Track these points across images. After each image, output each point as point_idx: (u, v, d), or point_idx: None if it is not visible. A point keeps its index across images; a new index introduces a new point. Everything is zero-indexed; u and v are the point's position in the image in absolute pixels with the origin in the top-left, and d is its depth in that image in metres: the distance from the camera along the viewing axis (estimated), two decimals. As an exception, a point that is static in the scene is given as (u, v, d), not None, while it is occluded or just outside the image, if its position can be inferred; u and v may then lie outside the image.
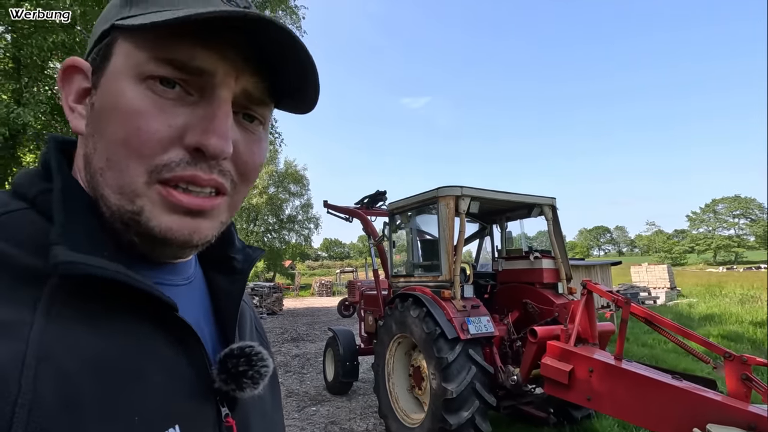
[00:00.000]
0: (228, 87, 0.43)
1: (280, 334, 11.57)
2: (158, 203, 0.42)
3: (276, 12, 11.40)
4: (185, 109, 0.42)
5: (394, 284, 4.97)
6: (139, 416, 0.37)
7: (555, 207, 4.69)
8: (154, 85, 0.41)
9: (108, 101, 0.42)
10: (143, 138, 0.40)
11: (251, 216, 35.07)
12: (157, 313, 0.42)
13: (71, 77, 0.46)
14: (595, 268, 12.13)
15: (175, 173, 0.41)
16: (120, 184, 0.41)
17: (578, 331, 3.37)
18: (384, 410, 4.37)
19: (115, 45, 0.43)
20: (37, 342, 0.33)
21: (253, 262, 0.60)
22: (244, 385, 0.48)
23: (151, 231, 0.42)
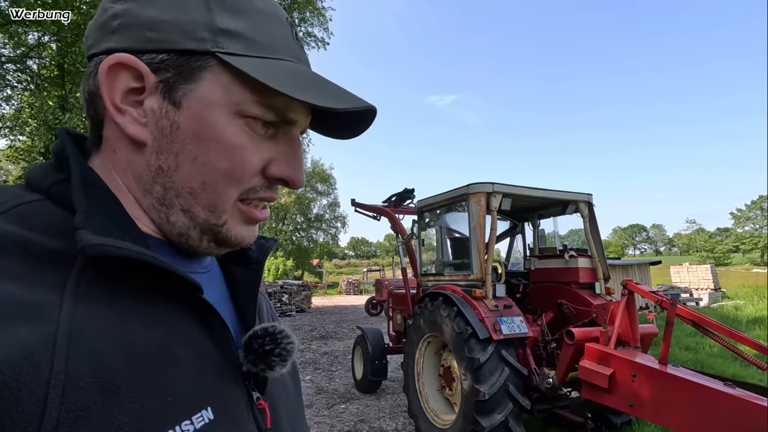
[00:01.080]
0: (301, 127, 0.51)
1: (309, 332, 11.71)
2: (238, 218, 0.48)
3: (304, 13, 11.52)
4: (270, 143, 0.48)
5: (423, 283, 4.91)
6: (172, 396, 0.38)
7: (591, 204, 4.51)
8: (252, 123, 0.46)
9: (205, 129, 0.44)
10: (245, 170, 0.46)
11: (280, 215, 35.72)
12: (182, 295, 0.43)
13: (117, 74, 0.44)
14: (632, 268, 11.65)
15: (258, 195, 0.48)
16: (214, 204, 0.46)
17: (619, 333, 3.22)
18: (414, 410, 4.32)
19: (207, 71, 0.44)
20: (68, 323, 0.34)
21: (267, 251, 0.62)
22: (273, 363, 0.49)
23: (229, 239, 0.48)
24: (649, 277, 12.24)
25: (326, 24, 12.15)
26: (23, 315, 0.32)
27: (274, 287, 16.83)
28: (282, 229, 36.56)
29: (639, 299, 9.71)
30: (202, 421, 0.39)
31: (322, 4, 11.77)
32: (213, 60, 0.44)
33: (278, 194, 0.52)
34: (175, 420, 0.37)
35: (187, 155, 0.44)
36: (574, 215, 4.67)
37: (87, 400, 0.32)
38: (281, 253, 35.14)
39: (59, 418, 0.30)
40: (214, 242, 0.48)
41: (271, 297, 16.10)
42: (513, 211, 5.08)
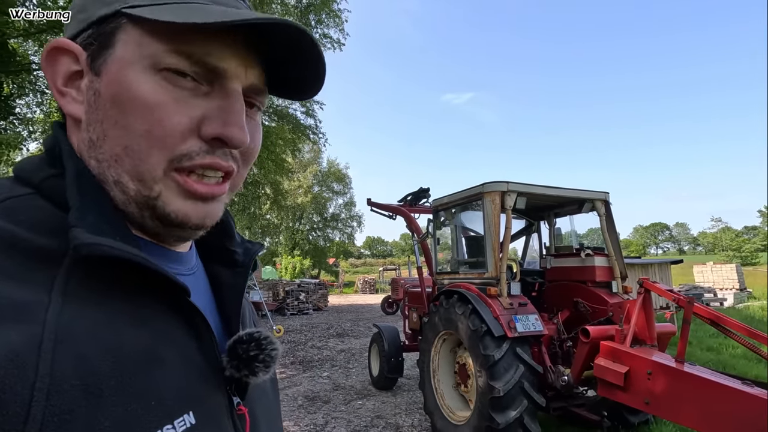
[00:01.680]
0: (239, 80, 0.45)
1: (326, 330, 11.86)
2: (175, 190, 0.44)
3: (320, 15, 11.65)
4: (201, 100, 0.43)
5: (438, 281, 4.96)
6: (156, 400, 0.37)
7: (608, 202, 4.48)
8: (170, 77, 0.42)
9: (121, 91, 0.41)
10: (167, 130, 0.41)
11: (297, 215, 36.11)
12: (169, 297, 0.42)
13: (57, 59, 0.45)
14: (652, 267, 11.43)
15: (194, 161, 0.43)
16: (140, 171, 0.42)
17: (635, 331, 3.21)
18: (429, 407, 4.38)
19: (121, 32, 0.42)
20: (55, 323, 0.33)
21: (254, 255, 0.60)
22: (256, 369, 0.48)
23: (168, 216, 0.44)
24: (669, 276, 11.98)
25: (341, 25, 12.27)
26: (9, 314, 0.31)
27: (291, 286, 17.06)
28: (298, 228, 36.96)
29: (657, 299, 9.52)
30: (184, 425, 0.39)
31: (337, 6, 11.89)
32: (124, 18, 0.42)
33: (233, 163, 0.47)
34: (158, 424, 0.37)
35: (110, 121, 0.42)
36: (590, 213, 4.66)
37: (71, 403, 0.32)
38: (298, 252, 35.53)
39: (43, 421, 0.30)
40: (157, 219, 0.45)
41: (289, 295, 16.33)
42: (528, 209, 5.08)
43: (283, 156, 13.93)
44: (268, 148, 11.97)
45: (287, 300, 16.18)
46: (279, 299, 16.19)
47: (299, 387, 6.12)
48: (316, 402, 5.46)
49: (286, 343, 9.76)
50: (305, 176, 35.40)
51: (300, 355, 8.40)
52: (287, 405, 5.35)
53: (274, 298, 16.09)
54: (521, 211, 5.09)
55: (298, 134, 13.72)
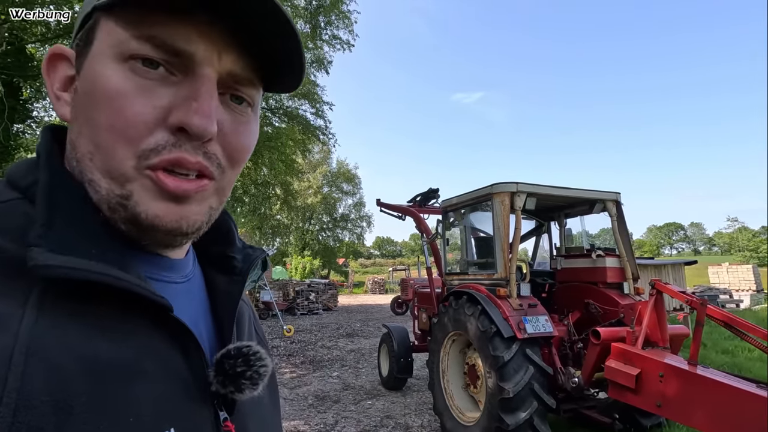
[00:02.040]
0: (211, 65, 0.41)
1: (336, 330, 11.91)
2: (148, 188, 0.40)
3: (329, 17, 11.71)
4: (169, 89, 0.40)
5: (447, 282, 4.96)
6: (134, 417, 0.36)
7: (619, 202, 4.44)
8: (136, 66, 0.39)
9: (90, 84, 0.41)
10: (129, 120, 0.39)
11: (306, 215, 36.32)
12: (152, 312, 0.40)
13: (56, 65, 0.45)
14: (665, 268, 11.27)
15: (161, 156, 0.40)
16: (108, 168, 0.40)
17: (646, 333, 3.18)
18: (439, 407, 4.39)
19: (97, 27, 0.42)
20: (26, 336, 0.32)
21: (254, 262, 0.57)
22: (242, 386, 0.46)
23: (138, 217, 0.40)
24: (683, 277, 11.79)
25: (351, 26, 12.32)
26: None
27: (302, 286, 17.17)
28: (308, 228, 37.17)
29: (670, 300, 9.39)
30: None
31: (347, 7, 11.94)
32: (99, 13, 0.42)
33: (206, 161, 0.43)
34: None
35: (83, 118, 0.41)
36: (602, 214, 4.62)
37: (40, 420, 0.30)
38: (308, 252, 35.72)
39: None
40: (129, 223, 0.41)
41: (299, 295, 16.44)
42: (538, 210, 5.05)
43: (293, 157, 14.03)
44: (278, 149, 12.07)
45: (297, 300, 16.29)
46: (289, 299, 16.31)
47: (309, 386, 6.17)
48: (326, 401, 5.50)
49: (296, 342, 9.84)
50: (315, 177, 35.61)
51: (310, 354, 8.46)
52: (297, 404, 5.39)
53: (285, 298, 16.21)
54: (531, 211, 5.07)
55: (308, 135, 13.80)
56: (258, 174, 13.54)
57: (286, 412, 5.10)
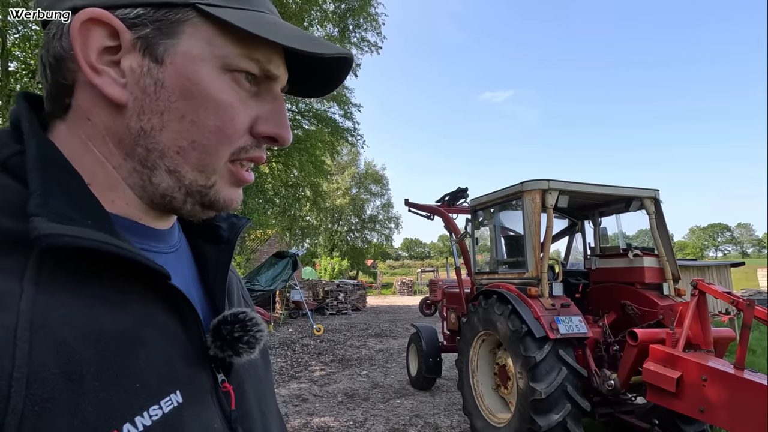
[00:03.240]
0: (281, 84, 0.50)
1: (364, 330, 11.98)
2: (227, 179, 0.47)
3: (358, 20, 11.84)
4: (255, 101, 0.47)
5: (477, 281, 4.91)
6: (140, 383, 0.37)
7: (658, 200, 4.26)
8: (238, 78, 0.45)
9: (192, 87, 0.43)
10: (236, 128, 0.45)
11: (335, 217, 36.73)
12: (149, 281, 0.41)
13: (90, 31, 0.41)
14: (709, 270, 10.69)
15: (249, 154, 0.48)
16: (204, 164, 0.45)
17: (688, 335, 3.05)
18: (469, 408, 4.34)
19: (188, 24, 0.42)
20: (28, 312, 0.32)
21: (239, 230, 0.59)
22: (240, 350, 0.48)
23: (217, 202, 0.47)
24: (729, 279, 11.14)
25: (378, 29, 12.41)
26: None
27: (331, 286, 17.38)
28: (337, 230, 37.57)
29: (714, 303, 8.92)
30: (170, 404, 0.39)
31: (374, 10, 12.03)
32: (193, 12, 0.42)
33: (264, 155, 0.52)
34: (143, 405, 0.37)
35: (174, 114, 0.43)
36: (639, 213, 4.45)
37: (52, 391, 0.31)
38: (337, 253, 36.11)
39: (24, 411, 0.29)
40: (200, 205, 0.47)
41: (328, 295, 16.65)
42: (571, 208, 4.92)
43: (323, 158, 14.24)
44: (308, 150, 12.29)
45: (326, 300, 16.50)
46: (319, 299, 16.54)
47: (339, 384, 6.24)
48: (356, 399, 5.55)
49: (326, 341, 9.97)
50: (343, 178, 35.99)
51: (339, 353, 8.55)
52: (327, 401, 5.47)
53: (314, 298, 16.46)
54: (563, 210, 4.94)
55: (337, 137, 13.99)
56: (288, 176, 13.83)
57: (316, 408, 5.18)
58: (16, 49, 8.46)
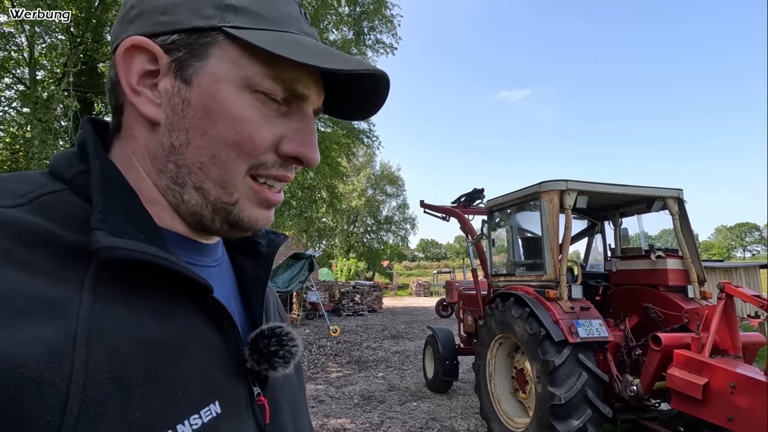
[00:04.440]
0: (313, 105, 0.50)
1: (381, 331, 11.98)
2: (250, 197, 0.47)
3: (373, 22, 11.87)
4: (281, 120, 0.47)
5: (494, 283, 4.85)
6: (182, 391, 0.39)
7: (682, 200, 4.14)
8: (263, 98, 0.46)
9: (214, 104, 0.44)
10: (256, 145, 0.45)
11: (351, 218, 36.88)
12: (194, 293, 0.44)
13: (134, 56, 0.45)
14: (737, 271, 10.31)
15: (269, 172, 0.47)
16: (224, 180, 0.46)
17: (715, 340, 2.94)
18: (486, 411, 4.29)
19: (215, 47, 0.44)
20: (86, 320, 0.34)
21: (277, 246, 0.61)
22: (276, 364, 0.49)
23: (241, 221, 0.48)
24: (759, 282, 10.72)
25: (394, 30, 12.40)
26: (45, 311, 0.33)
27: (347, 287, 17.45)
28: (353, 231, 37.71)
29: (742, 306, 8.62)
30: (210, 415, 0.41)
31: (390, 12, 12.03)
32: (221, 35, 0.44)
33: (292, 174, 0.51)
34: (185, 414, 0.38)
35: (198, 130, 0.45)
36: (661, 213, 4.32)
37: (104, 395, 0.33)
38: (353, 254, 36.24)
39: (80, 412, 0.31)
40: (227, 224, 0.48)
41: (344, 296, 16.72)
42: (591, 209, 4.82)
43: (339, 160, 14.32)
44: (323, 152, 12.35)
45: (343, 301, 16.57)
46: (335, 300, 16.63)
47: (355, 386, 6.25)
48: (372, 401, 5.54)
49: (342, 342, 10.00)
50: (359, 180, 36.12)
51: (356, 355, 8.56)
52: (343, 403, 5.48)
53: (331, 299, 16.55)
54: (582, 210, 4.85)
55: (352, 139, 14.04)
56: (305, 178, 13.94)
57: (332, 409, 5.20)
58: (43, 58, 8.78)
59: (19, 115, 8.59)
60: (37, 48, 8.36)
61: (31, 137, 7.34)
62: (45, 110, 7.13)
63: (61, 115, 7.59)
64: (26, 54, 8.31)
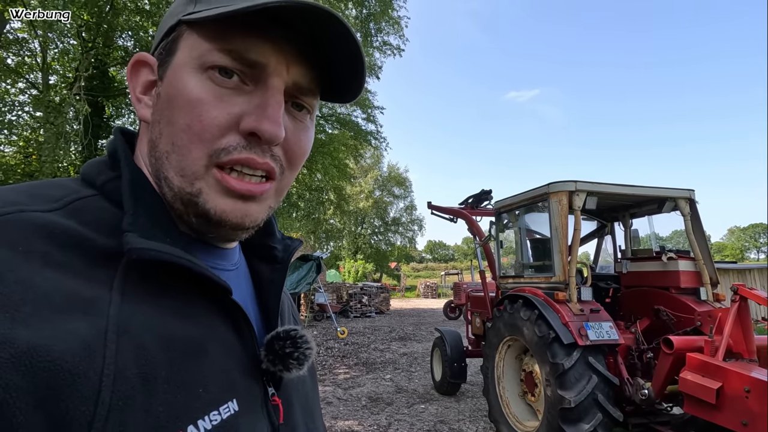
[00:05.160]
0: (280, 76, 0.46)
1: (388, 333, 11.96)
2: (214, 186, 0.45)
3: (380, 24, 11.89)
4: (242, 98, 0.45)
5: (502, 285, 4.81)
6: (203, 388, 0.40)
7: (693, 200, 4.08)
8: (214, 75, 0.44)
9: (172, 91, 0.45)
10: (204, 125, 0.43)
11: (358, 219, 36.91)
12: (213, 295, 0.45)
13: (139, 71, 0.50)
14: (751, 273, 10.14)
15: (232, 156, 0.44)
16: (182, 167, 0.45)
17: (728, 343, 2.89)
18: (495, 414, 4.26)
19: (181, 39, 0.46)
20: (116, 317, 0.36)
21: (293, 251, 0.62)
22: (290, 365, 0.50)
23: (208, 213, 0.45)
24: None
25: (401, 31, 12.41)
26: (80, 308, 0.35)
27: (354, 289, 17.45)
28: (360, 232, 37.74)
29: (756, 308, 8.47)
30: (228, 412, 0.42)
31: (396, 13, 12.05)
32: (183, 26, 0.46)
33: (273, 162, 0.47)
34: (205, 410, 0.40)
35: (165, 120, 0.46)
36: (672, 214, 4.26)
37: (132, 389, 0.35)
38: (360, 255, 36.26)
39: (111, 404, 0.33)
40: (200, 217, 0.47)
41: (352, 298, 16.72)
42: (600, 210, 4.77)
43: (346, 161, 14.35)
44: (331, 154, 12.40)
45: (350, 303, 16.57)
46: (343, 302, 16.63)
47: (363, 388, 6.24)
48: (380, 403, 5.53)
49: (350, 344, 9.99)
50: (366, 181, 36.16)
51: (363, 356, 8.56)
52: (351, 404, 5.47)
53: (338, 301, 16.56)
54: (592, 211, 4.80)
55: (360, 140, 14.07)
56: (312, 179, 13.99)
57: (340, 411, 5.19)
58: (55, 62, 8.92)
59: (32, 119, 8.74)
60: (49, 53, 8.50)
61: (44, 141, 7.46)
62: (57, 114, 7.25)
63: (72, 118, 7.72)
64: (39, 59, 8.45)
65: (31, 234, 0.37)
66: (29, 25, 7.19)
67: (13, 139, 8.84)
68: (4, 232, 0.36)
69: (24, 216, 0.38)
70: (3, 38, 7.83)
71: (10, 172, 8.18)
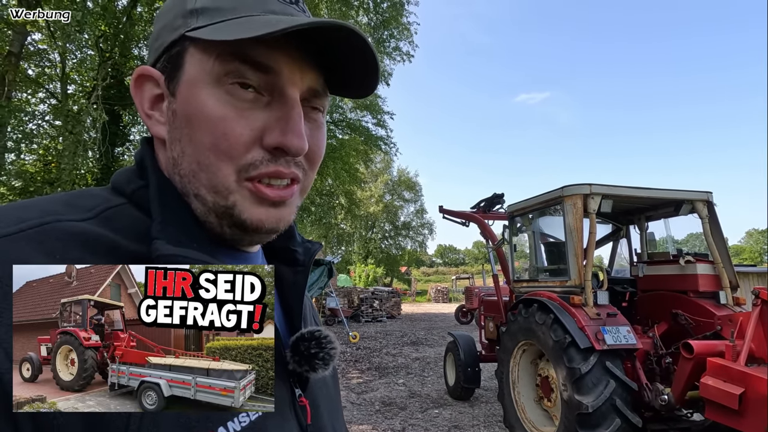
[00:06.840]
0: (295, 86, 0.47)
1: (400, 337, 11.93)
2: (248, 198, 0.46)
3: (391, 31, 11.98)
4: (260, 112, 0.45)
5: (516, 289, 4.79)
6: None
7: (711, 203, 4.02)
8: (233, 89, 0.44)
9: (191, 109, 0.45)
10: (231, 143, 0.44)
11: (369, 224, 36.96)
12: None
13: (143, 85, 0.50)
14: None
15: (260, 171, 0.46)
16: (214, 184, 0.46)
17: (751, 348, 2.83)
18: (510, 420, 4.22)
19: (187, 53, 0.46)
20: None
21: (313, 254, 0.63)
22: (316, 366, 0.51)
23: (244, 222, 0.47)
24: (796, 287, 10.27)
25: (411, 38, 12.49)
26: None
27: (365, 293, 17.45)
28: (371, 237, 37.77)
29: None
30: (257, 414, 0.44)
31: (406, 20, 12.13)
32: (187, 41, 0.46)
33: (296, 169, 0.48)
34: (233, 412, 0.42)
35: (186, 139, 0.46)
36: (690, 216, 4.20)
37: None
38: (371, 260, 36.27)
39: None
40: (235, 227, 0.48)
41: (363, 303, 16.72)
42: (615, 213, 4.72)
43: (357, 166, 14.42)
44: (342, 159, 12.48)
45: (362, 307, 16.57)
46: (354, 306, 16.64)
47: (376, 392, 6.23)
48: (393, 408, 5.52)
49: (362, 349, 9.99)
50: (377, 185, 36.22)
51: (376, 361, 8.55)
52: (365, 409, 5.47)
53: (350, 305, 16.56)
54: (607, 215, 4.75)
55: (370, 145, 14.14)
56: (323, 184, 14.08)
57: (354, 416, 5.19)
58: (73, 73, 9.16)
59: (51, 128, 8.97)
60: (68, 63, 8.72)
61: (63, 149, 7.65)
62: (75, 123, 7.44)
63: (90, 127, 7.90)
64: (58, 69, 8.68)
65: (67, 242, 0.39)
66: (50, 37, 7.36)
67: (34, 147, 9.08)
68: (43, 241, 0.38)
69: (60, 225, 0.40)
70: (24, 50, 8.06)
71: (30, 180, 8.39)
